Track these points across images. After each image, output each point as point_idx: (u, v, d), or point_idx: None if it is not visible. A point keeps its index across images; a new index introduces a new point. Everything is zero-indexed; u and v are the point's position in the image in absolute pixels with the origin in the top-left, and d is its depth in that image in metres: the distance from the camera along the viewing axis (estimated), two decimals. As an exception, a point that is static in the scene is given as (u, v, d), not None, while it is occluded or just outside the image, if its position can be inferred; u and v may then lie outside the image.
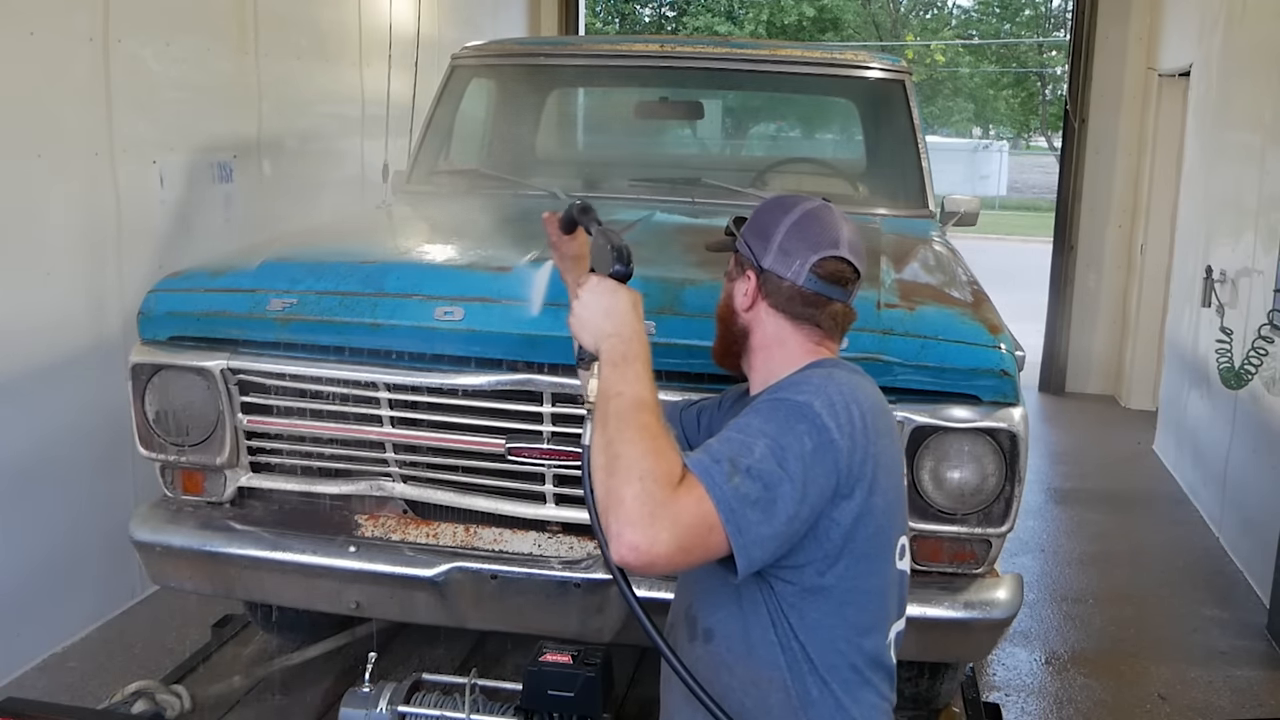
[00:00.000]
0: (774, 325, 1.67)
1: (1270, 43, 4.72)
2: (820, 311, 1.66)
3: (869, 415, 1.52)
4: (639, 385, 1.47)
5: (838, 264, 1.66)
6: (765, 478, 1.41)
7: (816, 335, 1.67)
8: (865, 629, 1.58)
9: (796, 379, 1.58)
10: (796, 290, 1.65)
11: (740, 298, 1.70)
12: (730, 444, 1.44)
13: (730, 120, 4.76)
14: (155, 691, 2.69)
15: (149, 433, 2.65)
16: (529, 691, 2.22)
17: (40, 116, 3.37)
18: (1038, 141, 30.93)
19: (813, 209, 1.69)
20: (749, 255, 1.69)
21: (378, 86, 4.43)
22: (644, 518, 1.33)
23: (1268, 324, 4.26)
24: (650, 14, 24.75)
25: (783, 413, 1.48)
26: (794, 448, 1.44)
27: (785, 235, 1.66)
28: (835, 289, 1.66)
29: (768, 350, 1.68)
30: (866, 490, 1.50)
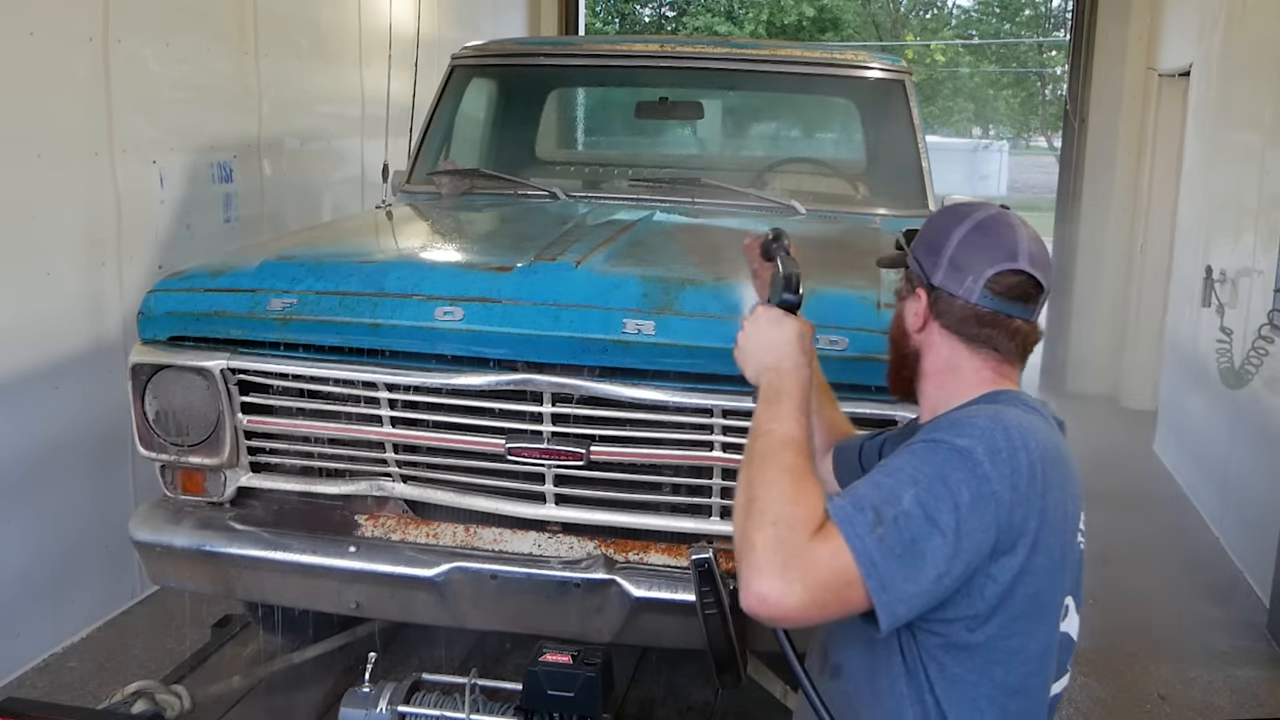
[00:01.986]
0: (947, 349, 1.53)
1: (1270, 43, 4.72)
2: (998, 332, 1.50)
3: (1039, 464, 1.37)
4: (789, 423, 1.39)
5: (1016, 278, 1.49)
6: (913, 530, 1.29)
7: (994, 360, 1.52)
8: (1013, 690, 1.44)
9: (961, 417, 1.43)
10: (970, 310, 1.49)
11: (911, 318, 1.56)
12: (878, 489, 1.33)
13: (730, 120, 4.76)
14: (155, 691, 2.68)
15: (149, 433, 2.65)
16: (529, 691, 2.22)
17: (40, 116, 3.37)
18: (1038, 141, 30.93)
19: (987, 217, 1.53)
20: (919, 271, 1.55)
21: (378, 86, 4.42)
22: (774, 566, 1.24)
23: (1268, 324, 4.26)
24: (650, 14, 24.74)
25: (940, 458, 1.35)
26: (948, 498, 1.31)
27: (957, 248, 1.51)
28: (1015, 306, 1.49)
29: (940, 377, 1.55)
30: (1029, 547, 1.36)
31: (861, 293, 2.52)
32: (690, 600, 2.29)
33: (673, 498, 2.52)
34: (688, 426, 2.44)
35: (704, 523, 2.51)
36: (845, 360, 2.33)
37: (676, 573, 2.42)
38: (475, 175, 3.79)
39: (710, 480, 2.48)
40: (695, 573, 2.25)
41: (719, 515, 2.50)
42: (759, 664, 2.73)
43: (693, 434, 2.44)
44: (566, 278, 2.49)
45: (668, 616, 2.40)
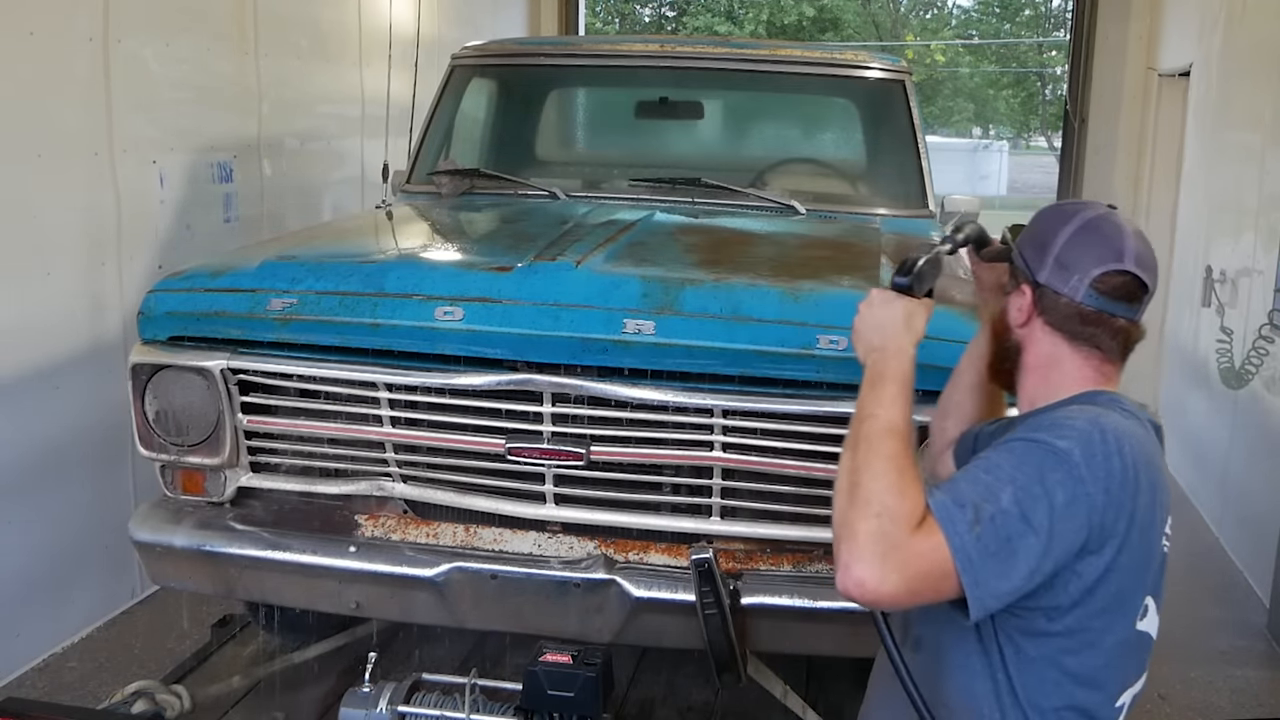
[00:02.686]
0: (1049, 345, 1.55)
1: (1270, 43, 4.72)
2: (1101, 330, 1.52)
3: (1131, 469, 1.41)
4: (892, 409, 1.41)
5: (1122, 278, 1.51)
6: (1009, 529, 1.33)
7: (1096, 359, 1.54)
8: (1083, 680, 1.47)
9: (1061, 418, 1.46)
10: (1075, 308, 1.51)
11: (1014, 313, 1.58)
12: (977, 486, 1.37)
13: (730, 120, 4.75)
14: (155, 691, 2.68)
15: (149, 433, 2.65)
16: (529, 691, 2.22)
17: (40, 116, 3.37)
18: (1038, 141, 30.92)
19: (1094, 217, 1.55)
20: (1024, 268, 1.57)
21: (378, 86, 4.42)
22: (875, 556, 1.28)
23: (1268, 324, 4.26)
24: (650, 14, 24.74)
25: (1038, 458, 1.38)
26: (1044, 499, 1.35)
27: (1064, 247, 1.53)
28: (1119, 305, 1.51)
29: (1041, 372, 1.57)
30: (1116, 548, 1.41)
31: (862, 293, 2.51)
32: (690, 600, 2.29)
33: (673, 498, 2.52)
34: (688, 426, 2.44)
35: (704, 523, 2.51)
36: (845, 360, 2.32)
37: (676, 573, 2.42)
38: (475, 175, 3.79)
39: (710, 480, 2.48)
40: (695, 573, 2.26)
41: (719, 515, 2.50)
42: (759, 664, 2.73)
43: (693, 434, 2.44)
44: (566, 278, 2.49)
45: (668, 616, 2.40)
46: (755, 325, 2.39)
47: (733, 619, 2.28)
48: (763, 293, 2.49)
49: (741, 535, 2.52)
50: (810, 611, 2.38)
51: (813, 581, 2.44)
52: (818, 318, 2.39)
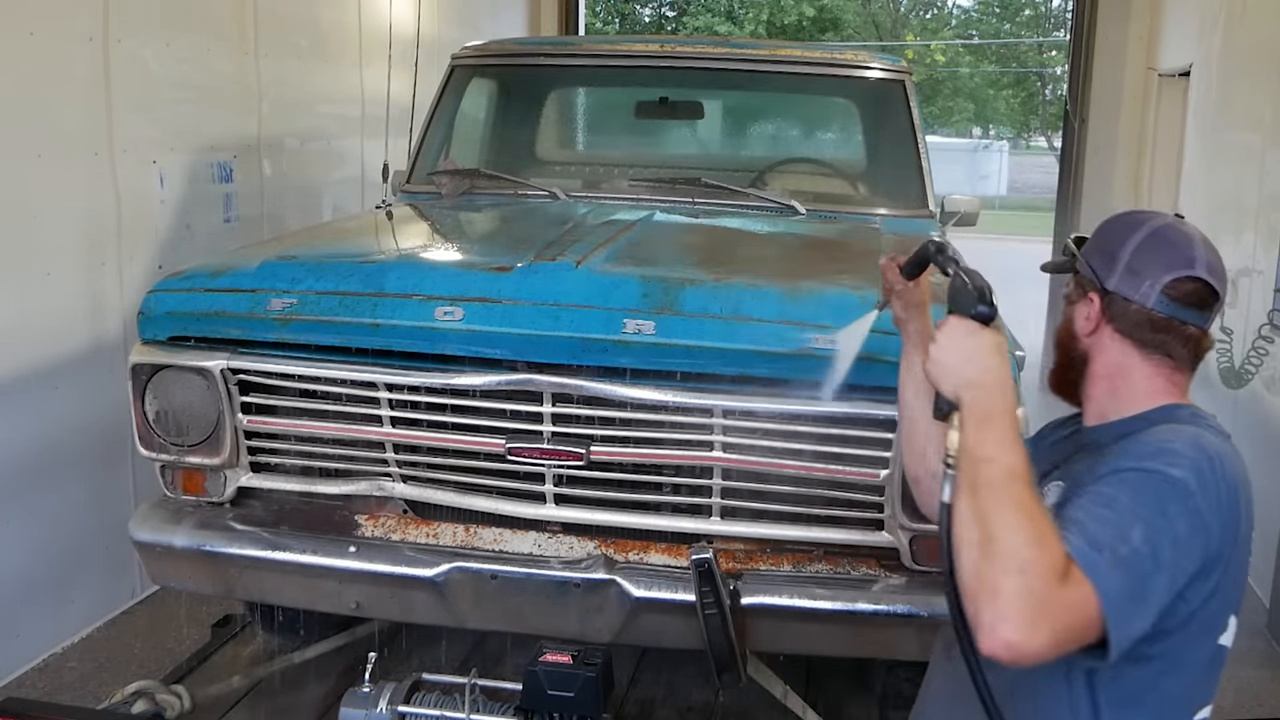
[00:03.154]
0: (1118, 353, 1.55)
1: (1270, 43, 4.72)
2: (1172, 338, 1.52)
3: (1237, 492, 1.42)
4: (1011, 453, 1.34)
5: (1193, 285, 1.50)
6: (1143, 568, 1.32)
7: (1167, 367, 1.54)
8: (1174, 699, 1.48)
9: (1166, 444, 1.44)
10: (1146, 314, 1.51)
11: (1082, 322, 1.57)
12: (1105, 526, 1.33)
13: (730, 120, 4.76)
14: (155, 691, 2.68)
15: (149, 433, 2.65)
16: (529, 691, 2.22)
17: (40, 116, 3.37)
18: (1038, 141, 30.93)
19: (1163, 225, 1.55)
20: (1091, 276, 1.56)
21: (378, 86, 4.42)
22: (1025, 616, 1.23)
23: (1268, 324, 4.26)
24: (650, 14, 24.75)
25: (1154, 489, 1.37)
26: (1168, 532, 1.34)
27: (1133, 254, 1.52)
28: (1190, 312, 1.51)
29: (1110, 381, 1.56)
30: (1222, 571, 1.41)
31: (861, 293, 2.52)
32: (690, 600, 2.29)
33: (673, 498, 2.52)
34: (688, 426, 2.44)
35: (704, 523, 2.51)
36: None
37: (676, 573, 2.42)
38: (475, 175, 3.79)
39: (710, 480, 2.48)
40: (695, 573, 2.26)
41: (719, 515, 2.50)
42: (759, 664, 2.73)
43: (693, 434, 2.44)
44: (566, 278, 2.49)
45: (668, 616, 2.40)
46: (755, 325, 2.39)
47: (733, 619, 2.28)
48: (763, 293, 2.49)
49: (741, 535, 2.52)
50: (810, 611, 2.38)
51: (813, 581, 2.44)
52: (818, 318, 2.39)
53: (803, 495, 2.47)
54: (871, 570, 2.48)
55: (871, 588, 2.41)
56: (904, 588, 2.41)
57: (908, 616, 2.36)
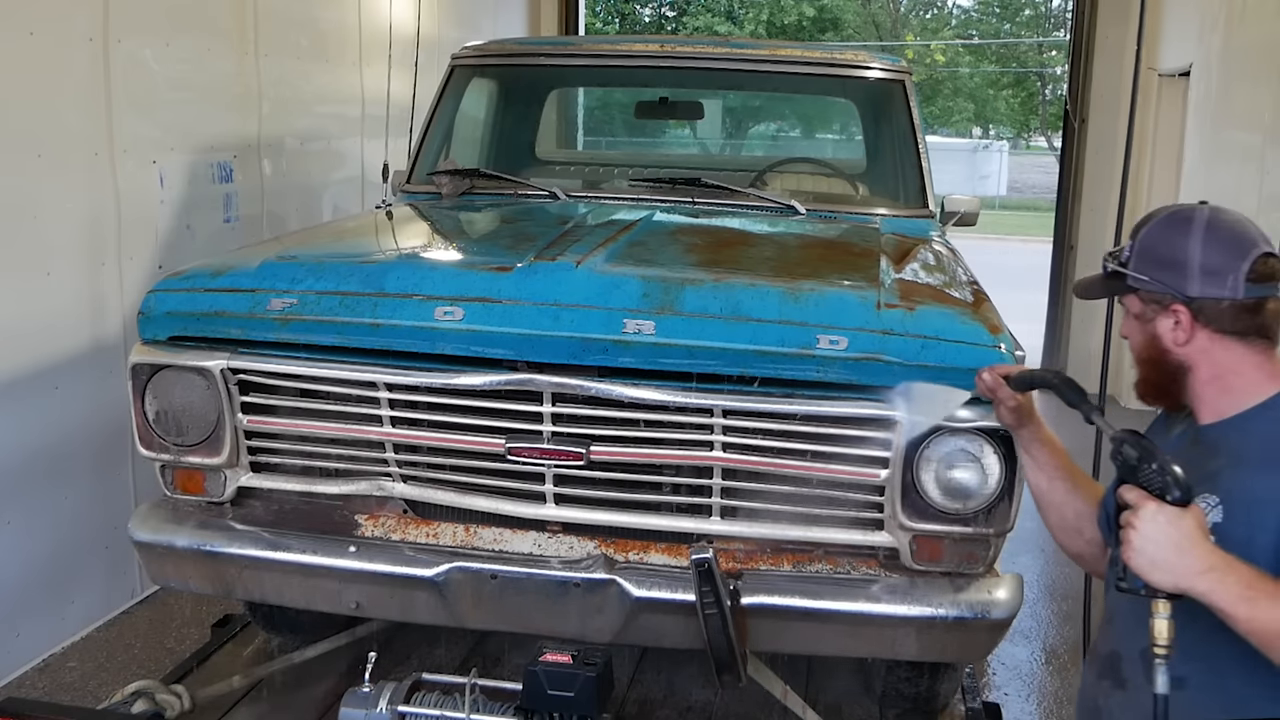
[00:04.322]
0: (1223, 352, 1.56)
1: (1270, 43, 4.72)
2: (1264, 316, 1.55)
3: None
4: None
5: (1268, 260, 1.54)
6: None
7: (1268, 349, 1.56)
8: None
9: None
10: (1238, 305, 1.53)
11: (1172, 335, 1.57)
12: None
13: (730, 120, 4.77)
14: (155, 691, 2.69)
15: (149, 433, 2.65)
16: (529, 691, 2.22)
17: (40, 116, 3.37)
18: (1038, 141, 30.92)
19: (1211, 218, 1.58)
20: (1165, 289, 1.56)
21: (378, 86, 4.43)
22: None
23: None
24: (650, 14, 24.74)
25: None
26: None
27: (1203, 255, 1.54)
28: (1270, 286, 1.54)
29: (1221, 381, 1.57)
30: None
31: (861, 293, 2.52)
32: (690, 600, 2.29)
33: (673, 498, 2.52)
34: (688, 426, 2.44)
35: (704, 523, 2.51)
36: (845, 360, 2.33)
37: (676, 573, 2.42)
38: (475, 175, 3.79)
39: (710, 480, 2.48)
40: (695, 573, 2.26)
41: (719, 515, 2.50)
42: (759, 664, 2.73)
43: (693, 434, 2.44)
44: (567, 278, 2.49)
45: (668, 616, 2.40)
46: (755, 325, 2.39)
47: (733, 619, 2.28)
48: (763, 293, 2.49)
49: (741, 535, 2.52)
50: (810, 611, 2.38)
51: (813, 581, 2.44)
52: (818, 318, 2.39)
53: (803, 495, 2.47)
54: (871, 570, 2.48)
55: (871, 588, 2.41)
56: (904, 588, 2.41)
57: (908, 616, 2.36)
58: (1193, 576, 1.38)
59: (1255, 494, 1.46)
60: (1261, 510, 1.45)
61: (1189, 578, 1.38)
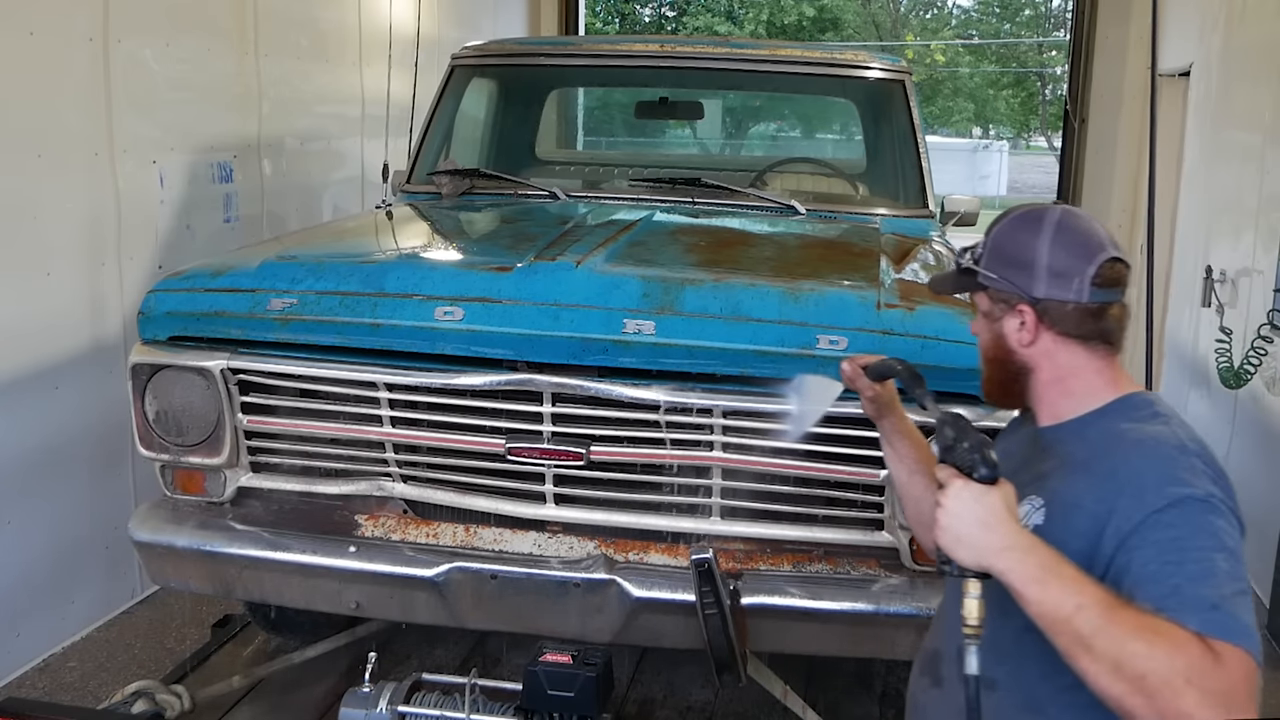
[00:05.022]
0: (1065, 355, 1.55)
1: (1270, 43, 4.72)
2: (1106, 321, 1.54)
3: (1216, 460, 1.46)
4: (1087, 587, 1.31)
5: (1114, 265, 1.52)
6: (1243, 594, 1.33)
7: (1109, 353, 1.55)
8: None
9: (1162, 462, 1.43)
10: (1083, 309, 1.51)
11: (1016, 335, 1.56)
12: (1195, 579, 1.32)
13: (730, 120, 4.77)
14: (155, 691, 2.69)
15: (149, 433, 2.65)
16: (529, 691, 2.22)
17: (40, 116, 3.37)
18: (1038, 141, 30.92)
19: (1061, 219, 1.55)
20: (1013, 289, 1.54)
21: (378, 86, 4.43)
22: (1223, 714, 1.22)
23: (1268, 324, 4.26)
24: (650, 14, 24.73)
25: (1201, 517, 1.38)
26: (1234, 548, 1.37)
27: (1050, 256, 1.52)
28: (1114, 291, 1.53)
29: (1063, 384, 1.56)
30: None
31: (861, 293, 2.52)
32: (690, 600, 2.29)
33: (673, 498, 2.52)
34: (688, 426, 2.44)
35: (704, 523, 2.51)
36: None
37: (676, 573, 2.42)
38: (475, 175, 3.79)
39: (710, 480, 2.48)
40: (695, 573, 2.25)
41: (719, 515, 2.50)
42: (759, 664, 2.73)
43: (693, 434, 2.44)
44: (567, 278, 2.50)
45: (668, 616, 2.40)
46: (755, 325, 2.39)
47: (733, 619, 2.28)
48: (763, 293, 2.49)
49: (741, 535, 2.52)
50: (810, 611, 2.38)
51: (813, 581, 2.44)
52: (818, 318, 2.39)
53: (803, 495, 2.47)
54: (871, 570, 2.48)
55: (871, 588, 2.41)
56: (904, 588, 2.41)
57: (908, 616, 2.36)
58: (993, 554, 1.36)
59: (1074, 498, 1.46)
60: (1077, 515, 1.44)
61: (989, 555, 1.36)
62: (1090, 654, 1.28)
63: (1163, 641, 1.25)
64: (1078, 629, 1.29)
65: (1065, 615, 1.30)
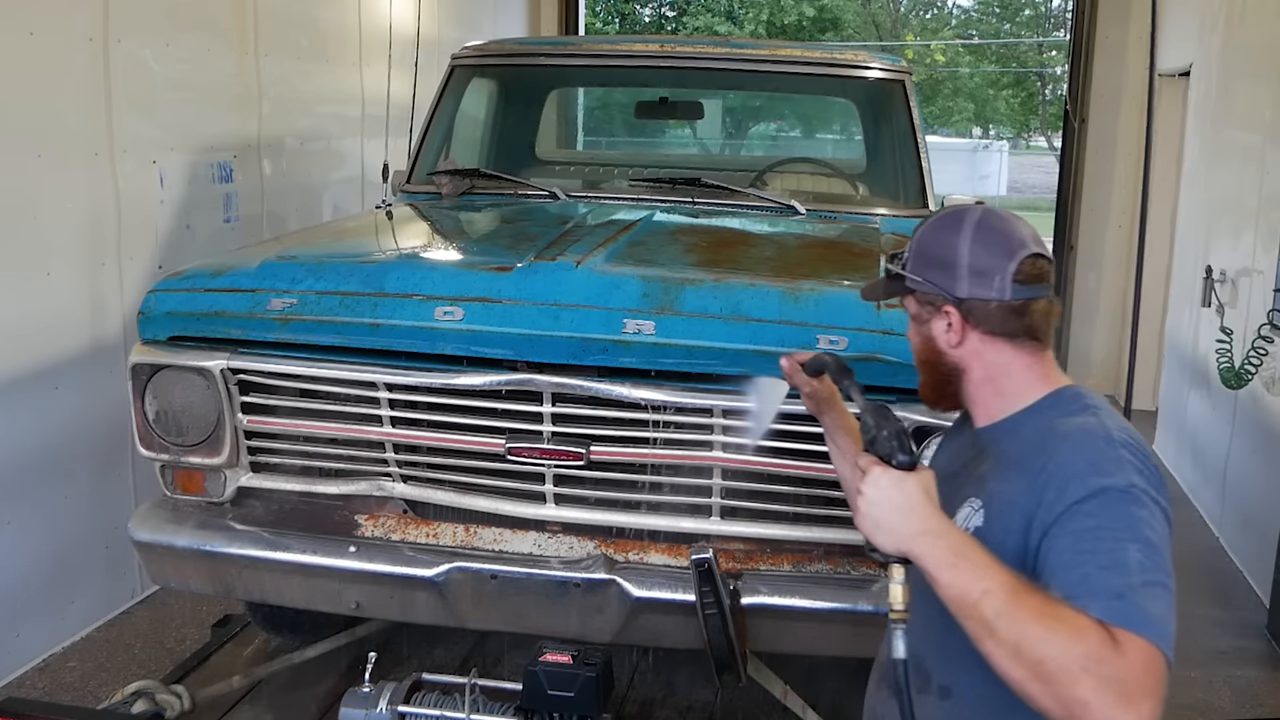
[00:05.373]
0: (993, 353, 1.55)
1: (1270, 43, 4.72)
2: (1033, 318, 1.55)
3: (1149, 453, 1.45)
4: (995, 572, 1.32)
5: (1035, 261, 1.54)
6: (1157, 585, 1.32)
7: (1038, 350, 1.56)
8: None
9: (1092, 456, 1.43)
10: (1005, 307, 1.53)
11: (944, 337, 1.57)
12: (1108, 571, 1.32)
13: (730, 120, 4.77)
14: (155, 691, 2.69)
15: (149, 433, 2.65)
16: (529, 691, 2.22)
17: (40, 116, 3.37)
18: (1038, 141, 30.92)
19: (980, 219, 1.57)
20: (936, 290, 1.56)
21: (378, 86, 4.43)
22: (1119, 704, 1.21)
23: (1268, 324, 4.26)
24: (650, 14, 24.73)
25: (1120, 506, 1.37)
26: (1154, 539, 1.35)
27: (970, 256, 1.53)
28: (1039, 288, 1.55)
29: (994, 383, 1.57)
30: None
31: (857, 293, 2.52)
32: (690, 600, 2.29)
33: (673, 498, 2.52)
34: (688, 426, 2.44)
35: (704, 523, 2.51)
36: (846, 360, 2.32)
37: (676, 573, 2.42)
38: (475, 175, 3.79)
39: (710, 480, 2.48)
40: (695, 573, 2.26)
41: (719, 515, 2.50)
42: (759, 664, 2.73)
43: (693, 434, 2.44)
44: (567, 278, 2.50)
45: (668, 616, 2.40)
46: (755, 325, 2.39)
47: (733, 619, 2.28)
48: (763, 293, 2.49)
49: (741, 535, 2.52)
50: (810, 611, 2.38)
51: (813, 581, 2.44)
52: (818, 318, 2.39)
53: (803, 495, 2.47)
54: (871, 570, 2.48)
55: (871, 588, 2.41)
56: (904, 588, 2.41)
57: (908, 616, 2.36)
58: (908, 539, 1.39)
59: (1009, 497, 1.46)
60: (1012, 513, 1.45)
61: (905, 540, 1.39)
62: (994, 638, 1.29)
63: (1063, 627, 1.25)
64: (983, 613, 1.30)
65: (973, 600, 1.31)
